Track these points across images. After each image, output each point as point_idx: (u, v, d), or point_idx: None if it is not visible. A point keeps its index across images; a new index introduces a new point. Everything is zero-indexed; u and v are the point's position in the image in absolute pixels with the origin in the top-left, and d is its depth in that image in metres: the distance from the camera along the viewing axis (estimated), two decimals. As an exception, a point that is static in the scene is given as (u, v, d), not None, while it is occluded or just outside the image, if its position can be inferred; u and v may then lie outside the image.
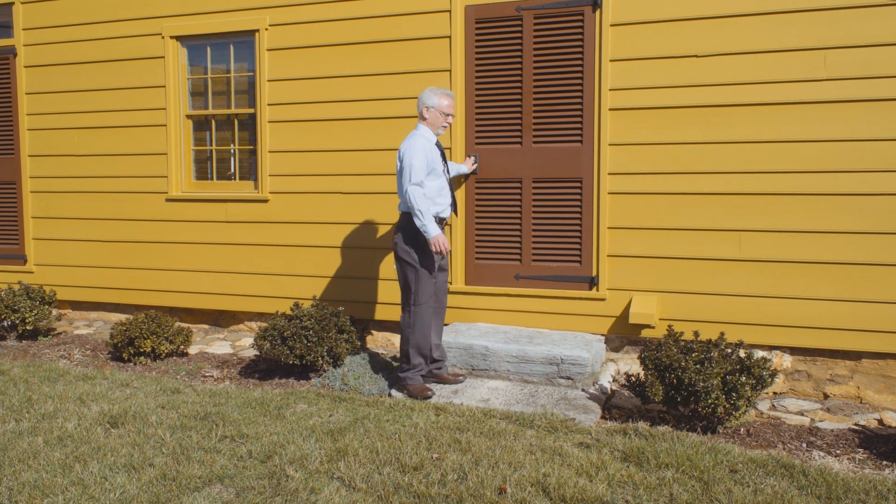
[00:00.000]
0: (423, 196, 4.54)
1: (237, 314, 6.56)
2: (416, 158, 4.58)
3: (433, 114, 4.74)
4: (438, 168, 4.73)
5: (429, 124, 4.76)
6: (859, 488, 3.31)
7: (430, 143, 4.71)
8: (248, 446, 3.77)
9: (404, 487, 3.30)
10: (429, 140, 4.71)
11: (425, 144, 4.65)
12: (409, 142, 4.65)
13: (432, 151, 4.69)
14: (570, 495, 3.19)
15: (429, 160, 4.64)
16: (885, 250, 4.63)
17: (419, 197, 4.52)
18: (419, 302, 4.71)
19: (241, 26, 6.15)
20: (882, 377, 4.78)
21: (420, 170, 4.57)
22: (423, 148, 4.62)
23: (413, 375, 4.77)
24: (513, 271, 5.45)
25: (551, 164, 5.32)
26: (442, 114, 4.75)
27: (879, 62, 4.58)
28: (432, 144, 4.72)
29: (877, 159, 4.61)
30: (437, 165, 4.72)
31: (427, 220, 4.51)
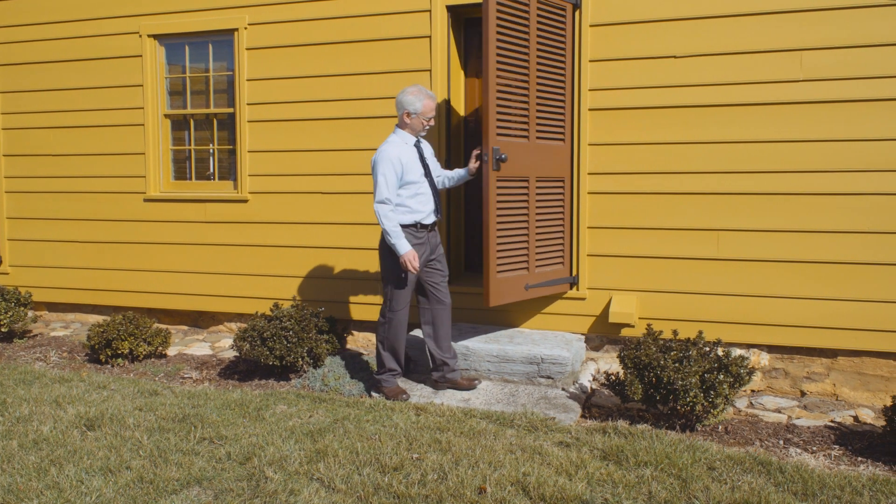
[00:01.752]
0: (389, 213, 4.43)
1: (217, 315, 6.51)
2: (383, 173, 4.43)
3: (415, 120, 4.57)
4: (414, 175, 4.53)
5: (410, 129, 4.61)
6: (834, 484, 3.34)
7: (405, 148, 4.55)
8: (227, 448, 3.74)
9: (384, 488, 3.29)
10: (405, 144, 4.57)
11: (396, 153, 4.47)
12: (379, 153, 4.49)
13: (408, 157, 4.52)
14: (550, 494, 3.20)
15: (400, 171, 4.47)
16: (861, 249, 4.69)
17: (384, 215, 4.43)
18: (393, 309, 4.65)
19: (219, 25, 6.11)
20: (858, 374, 4.83)
21: (386, 185, 4.43)
22: (392, 159, 4.44)
23: (388, 378, 4.75)
24: (523, 281, 4.99)
25: (547, 162, 5.14)
26: (424, 119, 4.59)
27: (856, 63, 4.63)
28: (409, 148, 4.58)
29: (853, 159, 4.67)
30: (413, 172, 4.53)
31: (395, 238, 4.42)
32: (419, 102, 4.53)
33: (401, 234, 4.44)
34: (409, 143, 4.59)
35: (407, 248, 4.43)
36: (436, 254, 4.74)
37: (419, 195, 4.57)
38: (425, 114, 4.57)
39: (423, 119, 4.57)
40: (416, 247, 4.56)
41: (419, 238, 4.59)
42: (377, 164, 4.46)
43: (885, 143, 4.60)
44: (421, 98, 4.53)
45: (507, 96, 4.79)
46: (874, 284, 4.67)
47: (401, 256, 4.43)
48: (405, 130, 4.61)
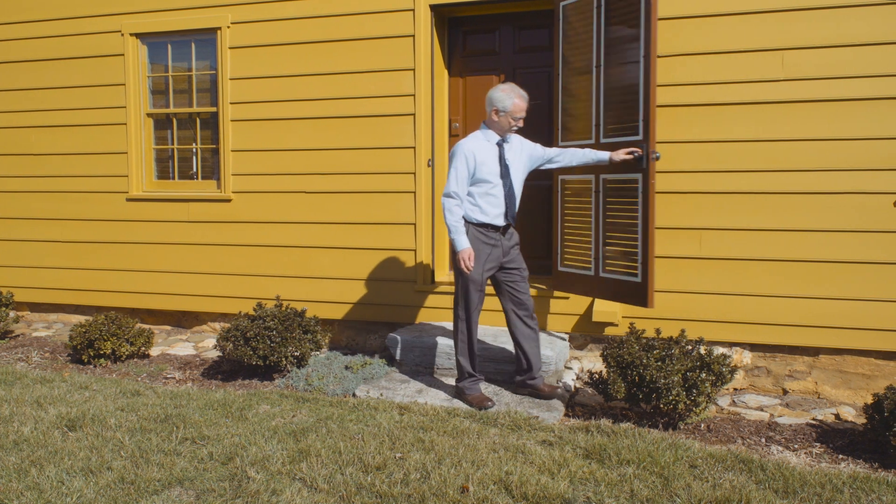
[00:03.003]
0: (453, 207, 4.27)
1: (200, 315, 6.48)
2: (455, 166, 4.29)
3: (504, 118, 4.34)
4: (488, 173, 4.32)
5: (496, 127, 4.39)
6: (815, 482, 3.37)
7: (485, 144, 4.36)
8: (209, 448, 3.72)
9: (367, 487, 3.28)
10: (486, 141, 4.38)
11: (473, 148, 4.30)
12: (456, 145, 4.34)
13: (485, 154, 4.33)
14: (532, 493, 3.21)
15: (473, 166, 4.29)
16: (841, 247, 4.73)
17: (448, 209, 4.28)
18: (460, 315, 4.44)
19: (202, 24, 6.08)
20: (839, 372, 4.87)
21: (456, 179, 4.28)
22: (466, 153, 4.28)
23: (470, 385, 4.51)
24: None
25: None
26: (512, 118, 4.35)
27: (836, 63, 4.67)
28: (490, 145, 4.38)
29: (835, 158, 4.71)
30: (487, 170, 4.32)
31: (454, 233, 4.26)
32: (509, 101, 4.31)
33: (461, 231, 4.27)
34: (491, 141, 4.40)
35: (464, 246, 4.26)
36: (511, 255, 4.50)
37: (490, 196, 4.36)
38: (514, 113, 4.33)
39: (511, 118, 4.34)
40: (486, 247, 4.37)
41: (490, 239, 4.39)
42: (452, 156, 4.35)
43: (866, 143, 4.64)
44: (512, 97, 4.32)
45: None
46: (856, 283, 4.71)
47: (457, 253, 4.27)
48: (491, 128, 4.42)
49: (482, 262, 4.37)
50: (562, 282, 5.18)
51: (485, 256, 4.38)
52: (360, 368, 5.11)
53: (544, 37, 5.74)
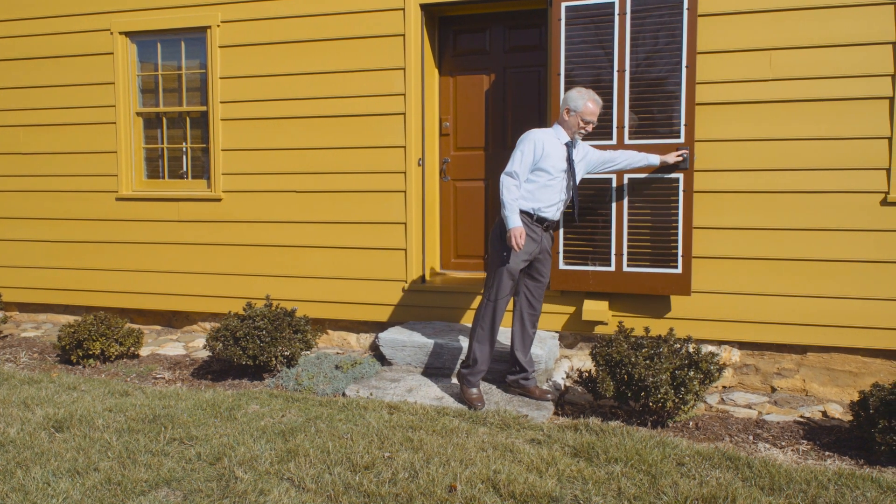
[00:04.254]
0: (512, 187, 4.28)
1: (190, 315, 6.46)
2: (521, 149, 4.33)
3: (574, 118, 4.36)
4: (551, 165, 4.34)
5: (566, 126, 4.41)
6: (801, 479, 3.39)
7: (553, 139, 4.40)
8: (198, 448, 3.72)
9: (354, 487, 3.28)
10: (555, 138, 4.41)
11: (543, 138, 4.35)
12: (527, 133, 4.40)
13: (552, 147, 4.36)
14: (520, 491, 3.21)
15: (539, 154, 4.32)
16: (829, 246, 4.75)
17: (507, 186, 4.28)
18: (493, 297, 4.42)
19: (192, 23, 6.06)
20: (826, 370, 4.90)
21: (521, 160, 4.31)
22: (536, 140, 4.33)
23: (471, 375, 4.48)
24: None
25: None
26: (582, 120, 4.36)
27: (823, 63, 4.69)
28: (557, 142, 4.40)
29: (822, 158, 4.72)
30: (551, 162, 4.34)
31: (510, 210, 4.25)
32: (581, 101, 4.34)
33: (516, 210, 4.27)
34: (560, 140, 4.42)
35: (517, 223, 4.24)
36: (542, 255, 4.54)
37: (548, 187, 4.39)
38: (584, 115, 4.35)
39: (581, 119, 4.36)
40: (528, 239, 4.39)
41: (534, 232, 4.42)
42: (520, 142, 4.36)
43: (852, 142, 4.66)
44: (584, 98, 4.35)
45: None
46: (843, 281, 4.74)
47: (509, 230, 4.24)
48: (562, 127, 4.43)
49: (520, 252, 4.38)
50: (566, 280, 5.14)
51: (534, 249, 4.44)
52: (350, 368, 5.11)
53: (535, 36, 5.74)
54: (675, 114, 4.80)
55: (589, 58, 4.98)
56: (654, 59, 4.84)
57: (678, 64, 4.78)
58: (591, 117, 4.37)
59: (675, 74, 4.79)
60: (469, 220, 6.02)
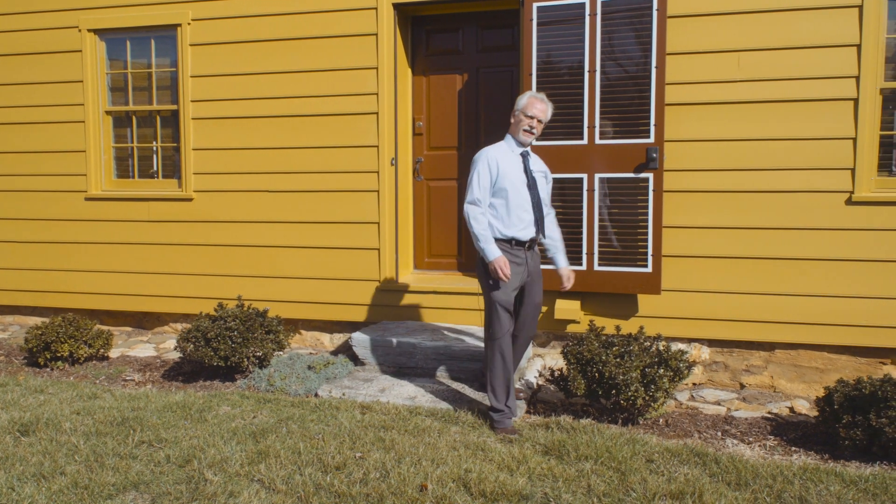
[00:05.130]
0: (478, 215, 4.02)
1: (161, 315, 6.40)
2: (477, 171, 4.07)
3: (518, 117, 4.14)
4: (511, 182, 4.07)
5: (515, 132, 4.16)
6: (767, 474, 3.44)
7: (506, 153, 4.14)
8: (167, 451, 3.68)
9: (325, 487, 3.28)
10: (508, 151, 4.15)
11: (494, 154, 4.09)
12: (478, 153, 4.15)
13: (506, 163, 4.09)
14: (491, 490, 3.23)
15: (496, 174, 4.06)
16: (796, 245, 4.82)
17: (473, 217, 4.03)
18: (493, 336, 4.13)
19: (162, 20, 6.00)
20: (794, 366, 4.97)
21: (479, 185, 4.04)
22: (488, 158, 4.07)
23: (501, 420, 4.10)
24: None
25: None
26: (525, 115, 4.10)
27: (790, 64, 4.76)
28: (511, 155, 4.15)
29: (789, 158, 4.80)
30: (510, 179, 4.07)
31: (484, 242, 4.00)
32: (523, 99, 4.13)
33: (490, 239, 4.02)
34: (514, 151, 4.17)
35: (497, 254, 3.99)
36: (533, 276, 4.26)
37: (514, 207, 4.09)
38: (526, 109, 4.10)
39: (524, 114, 4.10)
40: (512, 266, 4.09)
41: (517, 257, 4.13)
42: (473, 162, 4.13)
43: (819, 142, 4.74)
44: (526, 96, 4.14)
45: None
46: (809, 279, 4.81)
47: (490, 263, 3.99)
48: (512, 136, 4.20)
49: (508, 283, 4.10)
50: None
51: (519, 275, 4.16)
52: (322, 368, 5.09)
53: (508, 36, 5.77)
54: (645, 114, 4.85)
55: (560, 58, 5.01)
56: (624, 59, 4.88)
57: (648, 65, 4.82)
58: (533, 111, 4.10)
59: (644, 75, 4.83)
60: (442, 220, 6.03)
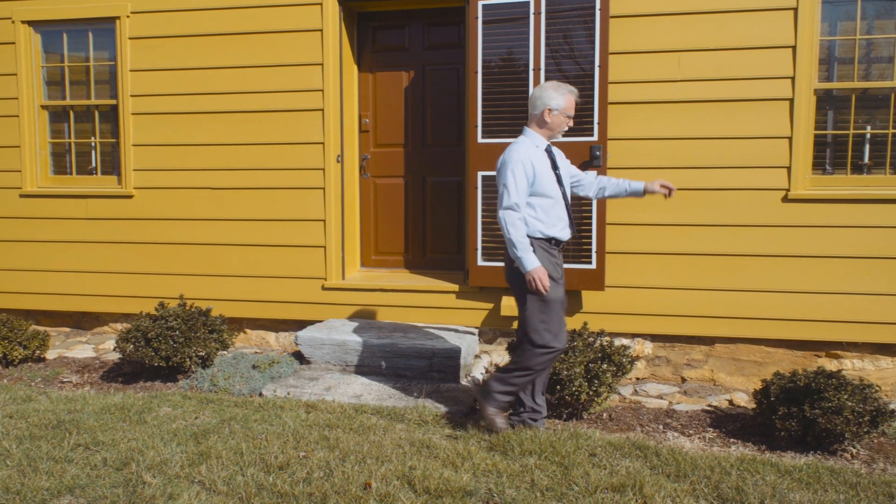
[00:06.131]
0: (517, 221, 3.74)
1: (101, 316, 6.23)
2: (513, 173, 3.75)
3: (557, 118, 3.86)
4: (548, 184, 3.83)
5: (547, 129, 3.89)
6: (705, 465, 3.51)
7: (536, 150, 3.85)
8: (104, 454, 3.59)
9: (268, 488, 3.23)
10: (536, 147, 3.87)
11: (527, 154, 3.79)
12: (509, 153, 3.82)
13: (539, 162, 3.82)
14: (435, 487, 3.23)
15: (532, 176, 3.79)
16: (735, 241, 4.94)
17: (511, 223, 3.74)
18: (547, 343, 3.80)
19: (100, 13, 5.84)
20: (733, 360, 5.10)
21: (516, 189, 3.75)
22: (524, 160, 3.77)
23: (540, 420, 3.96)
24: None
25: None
26: (566, 116, 3.89)
27: (729, 65, 4.87)
28: (540, 152, 3.87)
29: (728, 156, 4.91)
30: (546, 180, 3.82)
31: (522, 251, 3.71)
32: (562, 98, 3.84)
33: (528, 247, 3.74)
34: (540, 147, 3.88)
35: (535, 264, 3.71)
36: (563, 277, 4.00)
37: (552, 207, 3.87)
38: (567, 110, 3.88)
39: (565, 116, 3.88)
40: (552, 266, 3.87)
41: (554, 257, 3.90)
42: (506, 164, 3.79)
43: (756, 141, 4.86)
44: (563, 92, 3.86)
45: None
46: (748, 275, 4.94)
47: (527, 273, 3.71)
48: (539, 132, 3.90)
49: (558, 280, 3.88)
50: (483, 276, 5.20)
51: (557, 273, 3.91)
52: (267, 367, 5.02)
53: (454, 34, 5.77)
54: (588, 112, 4.91)
55: (506, 56, 5.04)
56: (568, 58, 4.93)
57: (591, 64, 4.88)
58: (573, 111, 3.96)
59: (588, 74, 4.89)
60: (390, 217, 6.01)
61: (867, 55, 4.89)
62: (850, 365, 4.95)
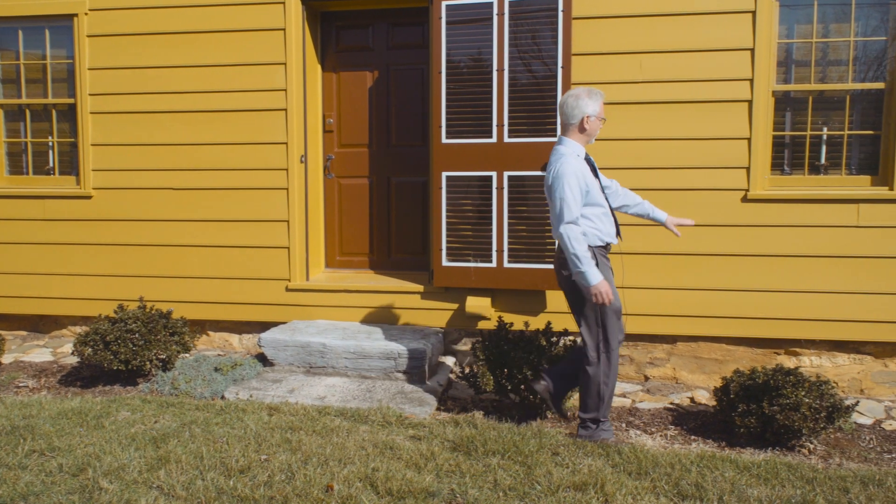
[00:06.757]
0: (580, 237, 3.74)
1: (59, 319, 6.10)
2: (570, 188, 3.74)
3: (594, 124, 3.89)
4: (596, 189, 3.88)
5: (586, 136, 3.92)
6: (666, 462, 3.55)
7: (581, 160, 3.87)
8: (60, 460, 3.52)
9: (228, 492, 3.19)
10: (578, 157, 3.87)
11: (578, 167, 3.80)
12: (559, 167, 3.79)
13: (587, 172, 3.86)
14: (397, 488, 3.21)
15: (584, 187, 3.81)
16: (697, 241, 4.99)
17: (575, 238, 3.72)
18: (610, 348, 3.87)
19: (57, 9, 5.72)
20: (695, 358, 5.16)
21: (575, 203, 3.75)
22: (577, 173, 3.77)
23: (608, 429, 3.98)
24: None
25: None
26: (600, 120, 3.92)
27: (689, 67, 4.93)
28: (583, 161, 3.89)
29: (690, 157, 4.96)
30: (593, 186, 3.87)
31: (586, 265, 3.70)
32: (596, 104, 3.88)
33: (592, 262, 3.73)
34: (581, 157, 3.89)
35: (599, 278, 3.71)
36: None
37: (605, 214, 3.94)
38: (601, 114, 3.92)
39: (599, 119, 3.92)
40: (609, 270, 3.97)
41: (607, 261, 3.99)
42: (559, 178, 3.76)
43: (716, 142, 4.93)
44: (596, 98, 3.89)
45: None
46: (709, 274, 5.00)
47: (592, 287, 3.70)
48: (578, 140, 3.91)
49: (614, 287, 3.95)
50: (448, 276, 5.19)
51: (613, 279, 4.01)
52: (230, 370, 4.97)
53: (418, 34, 5.76)
54: (552, 113, 4.93)
55: (470, 57, 5.04)
56: (532, 59, 4.95)
57: (555, 64, 4.91)
58: (604, 113, 4.05)
59: (551, 75, 4.92)
60: (354, 218, 5.98)
61: (824, 58, 4.99)
62: (808, 362, 5.04)
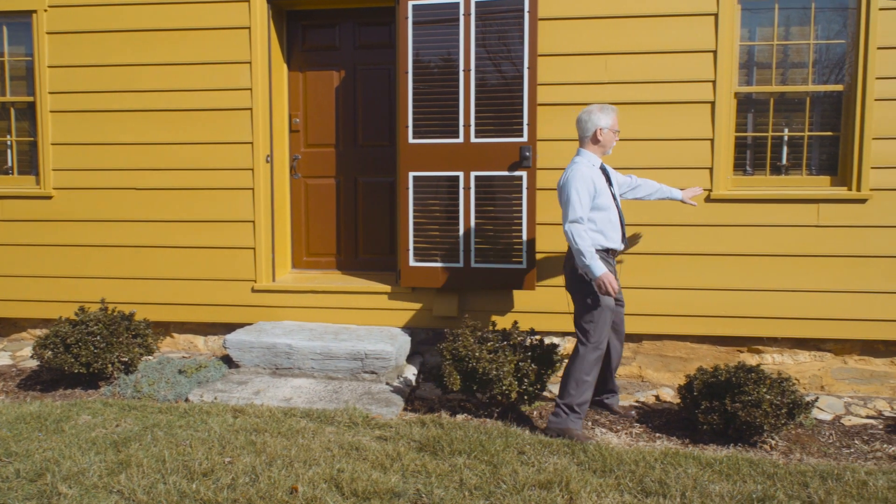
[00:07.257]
0: (584, 233, 4.02)
1: (18, 321, 5.98)
2: (576, 189, 4.05)
3: (607, 135, 4.17)
4: (605, 199, 4.16)
5: (600, 147, 4.20)
6: (630, 460, 3.58)
7: (593, 169, 4.16)
8: (17, 465, 3.44)
9: (190, 495, 3.15)
10: (592, 167, 4.17)
11: (588, 173, 4.10)
12: (572, 172, 4.11)
13: (598, 179, 4.15)
14: (363, 489, 3.20)
15: (593, 192, 4.10)
16: (658, 240, 5.05)
17: (579, 234, 4.01)
18: (595, 344, 4.12)
19: (15, 5, 5.60)
20: (660, 356, 5.22)
21: (580, 203, 4.04)
22: (586, 178, 4.07)
23: (577, 421, 4.08)
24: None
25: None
26: (613, 132, 4.20)
27: (653, 68, 4.98)
28: (597, 170, 4.18)
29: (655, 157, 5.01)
30: (604, 196, 4.15)
31: (591, 259, 3.98)
32: (608, 118, 4.17)
33: (596, 255, 4.01)
34: (595, 166, 4.19)
35: (603, 270, 3.98)
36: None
37: (611, 221, 4.19)
38: (614, 126, 4.20)
39: (613, 132, 4.20)
40: (612, 272, 4.19)
41: (610, 265, 4.21)
42: (570, 181, 4.07)
43: (680, 143, 4.98)
44: (608, 112, 4.18)
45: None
46: (674, 273, 5.05)
47: (597, 279, 3.98)
48: (593, 151, 4.21)
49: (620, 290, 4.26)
50: (415, 277, 5.18)
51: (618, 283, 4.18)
52: (195, 372, 4.90)
53: (385, 34, 5.75)
54: (518, 113, 4.95)
55: (436, 57, 5.04)
56: (498, 60, 4.96)
57: (521, 65, 4.93)
58: (618, 125, 4.29)
59: (518, 75, 4.94)
60: (321, 218, 5.94)
61: (785, 60, 5.07)
62: (770, 359, 5.12)
